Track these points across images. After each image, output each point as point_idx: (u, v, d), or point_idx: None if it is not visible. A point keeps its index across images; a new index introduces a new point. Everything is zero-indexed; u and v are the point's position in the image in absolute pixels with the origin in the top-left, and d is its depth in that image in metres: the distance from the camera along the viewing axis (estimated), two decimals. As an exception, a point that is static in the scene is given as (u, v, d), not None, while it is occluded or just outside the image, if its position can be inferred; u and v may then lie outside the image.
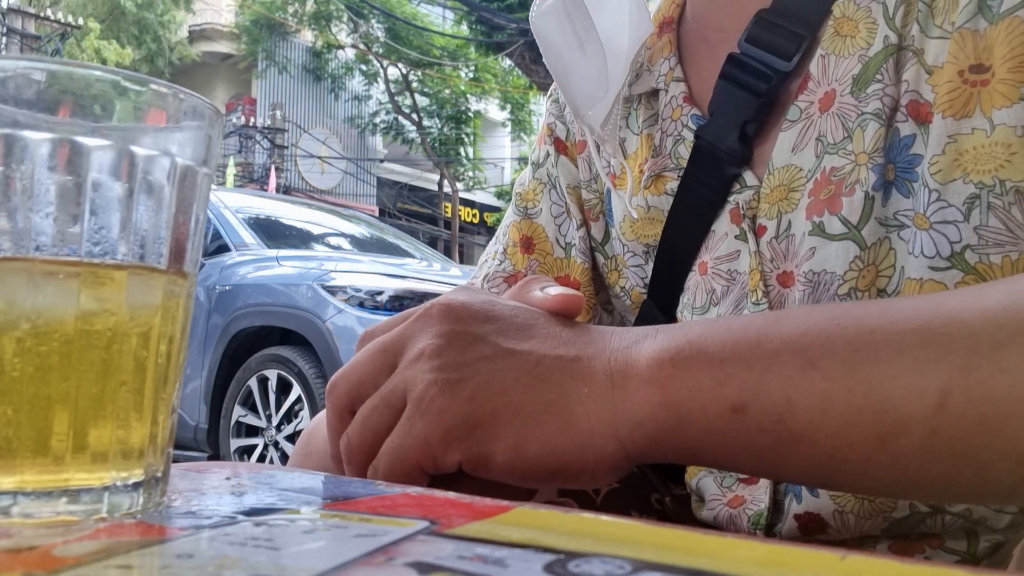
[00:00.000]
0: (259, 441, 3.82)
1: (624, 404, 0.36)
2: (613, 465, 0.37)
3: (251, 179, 14.91)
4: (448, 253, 14.40)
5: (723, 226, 0.56)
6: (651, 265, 0.61)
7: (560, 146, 0.69)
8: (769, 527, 0.53)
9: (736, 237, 0.55)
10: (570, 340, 0.39)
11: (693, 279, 0.58)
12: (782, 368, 0.34)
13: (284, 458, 3.65)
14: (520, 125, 15.41)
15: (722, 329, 0.37)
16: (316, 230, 4.94)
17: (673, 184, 0.59)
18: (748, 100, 0.54)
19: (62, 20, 12.94)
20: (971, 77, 0.46)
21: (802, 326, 0.35)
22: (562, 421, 0.36)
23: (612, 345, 0.38)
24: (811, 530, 0.51)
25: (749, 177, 0.54)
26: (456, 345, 0.38)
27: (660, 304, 0.61)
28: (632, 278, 0.64)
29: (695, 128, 0.57)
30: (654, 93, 0.62)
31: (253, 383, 3.86)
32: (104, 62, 12.64)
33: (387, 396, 0.38)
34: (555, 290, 0.42)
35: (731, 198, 0.55)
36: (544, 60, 0.61)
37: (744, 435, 0.35)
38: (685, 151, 0.58)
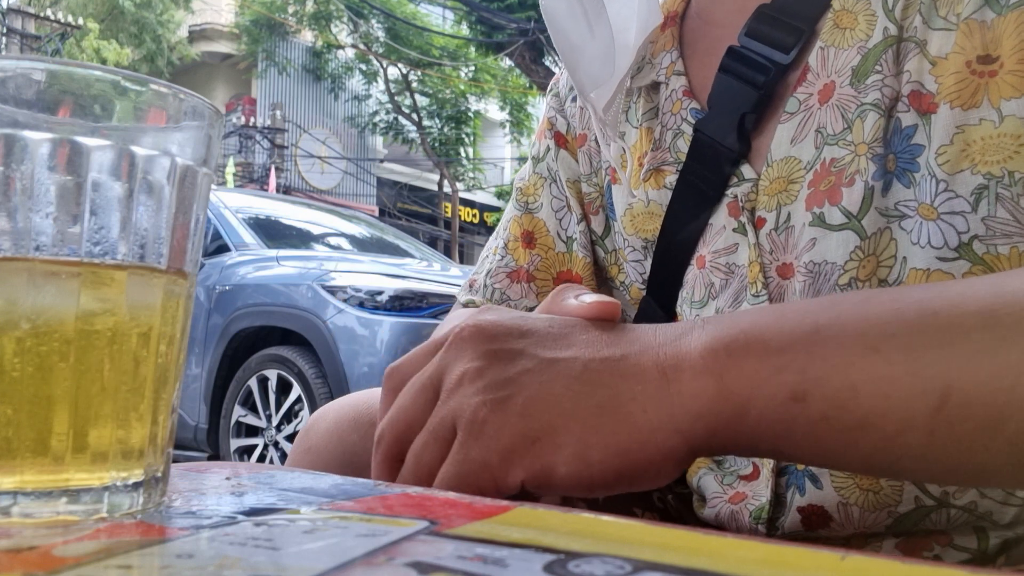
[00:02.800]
0: (259, 441, 3.82)
1: (680, 397, 0.35)
2: (677, 460, 0.36)
3: (251, 179, 14.90)
4: (448, 253, 14.39)
5: (721, 219, 0.56)
6: (650, 260, 0.61)
7: (560, 140, 0.69)
8: (771, 521, 0.53)
9: (734, 230, 0.55)
10: (612, 341, 0.38)
11: (691, 273, 0.58)
12: (844, 354, 0.34)
13: (284, 458, 3.65)
14: (519, 126, 15.40)
15: (775, 317, 0.36)
16: (316, 230, 4.93)
17: (672, 178, 0.59)
18: (747, 93, 0.55)
19: (62, 20, 12.94)
20: (979, 68, 0.46)
21: (860, 311, 0.35)
22: (619, 421, 0.35)
23: (658, 340, 0.37)
24: (814, 524, 0.51)
25: (747, 170, 0.54)
26: (497, 364, 0.37)
27: (659, 300, 0.61)
28: (631, 273, 0.64)
29: (694, 122, 0.57)
30: (655, 86, 0.62)
31: (253, 383, 3.86)
32: (104, 62, 12.63)
33: (435, 430, 0.37)
34: (590, 297, 0.41)
35: (729, 191, 0.55)
36: (552, 41, 0.61)
37: (805, 423, 0.34)
38: (684, 145, 0.58)
